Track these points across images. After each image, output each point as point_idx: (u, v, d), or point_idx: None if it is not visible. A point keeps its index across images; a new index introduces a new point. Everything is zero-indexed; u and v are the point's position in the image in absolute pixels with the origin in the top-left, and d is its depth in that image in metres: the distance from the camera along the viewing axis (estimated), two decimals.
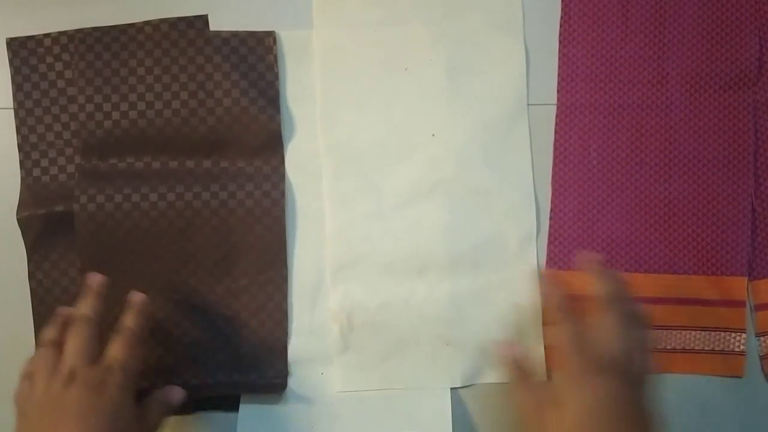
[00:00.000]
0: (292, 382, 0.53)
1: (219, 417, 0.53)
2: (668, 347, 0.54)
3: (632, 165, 0.55)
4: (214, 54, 0.53)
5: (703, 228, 0.55)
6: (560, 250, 0.55)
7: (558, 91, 0.56)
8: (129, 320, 0.48)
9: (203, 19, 0.53)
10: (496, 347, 0.52)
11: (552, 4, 0.56)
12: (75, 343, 0.45)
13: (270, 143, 0.53)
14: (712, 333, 0.54)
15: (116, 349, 0.46)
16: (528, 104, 0.55)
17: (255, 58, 0.54)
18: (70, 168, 0.52)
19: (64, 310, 0.48)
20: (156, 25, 0.53)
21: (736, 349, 0.54)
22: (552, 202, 0.55)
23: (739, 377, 0.54)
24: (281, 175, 0.53)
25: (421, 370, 0.53)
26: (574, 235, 0.55)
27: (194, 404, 0.52)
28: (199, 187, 0.52)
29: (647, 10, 0.56)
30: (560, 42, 0.56)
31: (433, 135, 0.55)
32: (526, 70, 0.55)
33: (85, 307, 0.47)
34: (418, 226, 0.54)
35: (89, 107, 0.52)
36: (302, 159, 0.54)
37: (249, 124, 0.53)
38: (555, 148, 0.55)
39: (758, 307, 0.54)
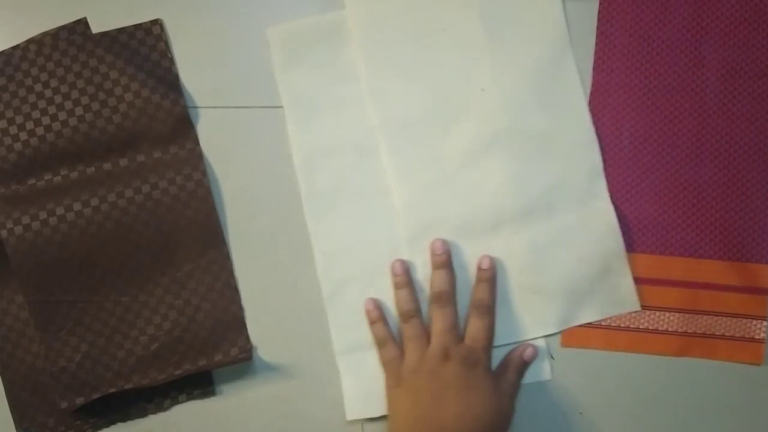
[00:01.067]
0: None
1: (197, 406, 0.53)
2: (688, 331, 0.53)
3: (664, 147, 0.54)
4: (106, 54, 0.53)
5: (730, 213, 0.54)
6: None
7: (593, 69, 0.55)
8: (484, 294, 0.51)
9: (83, 23, 0.53)
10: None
11: None
12: (443, 322, 0.50)
13: (180, 127, 0.53)
14: (733, 319, 0.54)
15: (476, 330, 0.50)
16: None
17: (147, 49, 0.54)
18: None
19: (399, 268, 0.52)
20: (39, 40, 0.53)
21: (757, 336, 0.53)
22: None
23: (758, 365, 0.53)
24: (199, 156, 0.53)
25: (512, 323, 0.53)
26: None
27: (168, 400, 0.52)
28: (121, 186, 0.52)
29: None
30: (598, 20, 0.55)
31: (483, 90, 0.54)
32: (563, 7, 0.55)
33: (443, 282, 0.51)
34: (484, 182, 0.54)
35: None
36: (357, 139, 0.54)
37: (155, 113, 0.53)
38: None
39: None
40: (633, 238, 0.54)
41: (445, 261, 0.52)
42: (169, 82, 0.54)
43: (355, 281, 0.53)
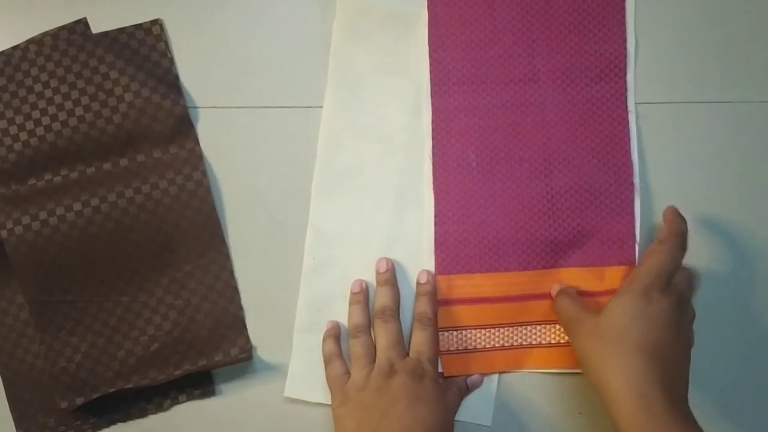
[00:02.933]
0: None
1: (197, 406, 0.53)
2: (552, 342, 0.53)
3: (512, 164, 0.54)
4: (106, 53, 0.53)
5: (587, 220, 0.53)
6: (448, 255, 0.53)
7: (431, 96, 0.54)
8: (425, 307, 0.51)
9: (83, 23, 0.53)
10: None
11: None
12: (387, 338, 0.50)
13: (180, 127, 0.53)
14: None
15: (421, 343, 0.50)
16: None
17: (147, 49, 0.54)
18: None
19: (357, 287, 0.52)
20: (39, 40, 0.53)
21: None
22: (435, 207, 0.53)
23: None
24: (199, 156, 0.53)
25: None
26: (461, 239, 0.53)
27: (168, 400, 0.53)
28: (122, 186, 0.52)
29: (513, 8, 0.54)
30: (429, 47, 0.54)
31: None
32: None
33: (386, 298, 0.51)
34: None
35: None
36: (387, 132, 0.54)
37: (155, 113, 0.53)
38: (434, 154, 0.54)
39: None
40: (494, 258, 0.53)
41: (389, 278, 0.52)
42: (169, 82, 0.54)
43: (337, 266, 0.53)
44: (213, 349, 0.52)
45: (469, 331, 0.53)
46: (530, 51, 0.54)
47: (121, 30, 0.54)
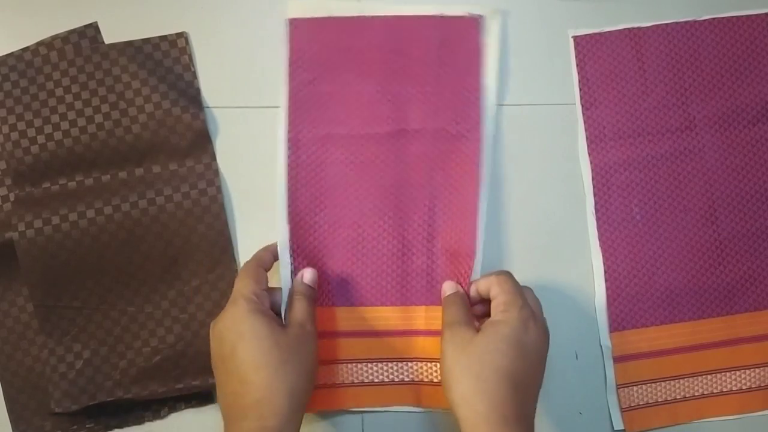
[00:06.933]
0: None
1: (195, 414, 0.53)
2: (734, 389, 0.54)
3: (676, 213, 0.54)
4: (129, 63, 0.53)
5: (757, 263, 0.54)
6: (621, 311, 0.54)
7: (589, 154, 0.55)
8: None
9: (94, 27, 0.54)
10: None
11: None
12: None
13: (198, 141, 0.53)
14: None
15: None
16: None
17: (170, 61, 0.54)
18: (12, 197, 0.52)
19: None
20: (60, 48, 0.53)
21: None
22: (604, 264, 0.54)
23: None
24: (215, 171, 0.53)
25: None
26: (633, 293, 0.54)
27: (165, 408, 0.53)
28: (136, 196, 0.52)
29: (662, 59, 0.55)
30: (582, 105, 0.55)
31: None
32: None
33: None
34: None
35: (14, 135, 0.52)
36: None
37: (174, 126, 0.53)
38: (597, 210, 0.55)
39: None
40: (670, 310, 0.54)
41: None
42: (191, 95, 0.54)
43: None
44: None
45: (649, 385, 0.53)
46: (684, 100, 0.55)
47: (146, 40, 0.54)
